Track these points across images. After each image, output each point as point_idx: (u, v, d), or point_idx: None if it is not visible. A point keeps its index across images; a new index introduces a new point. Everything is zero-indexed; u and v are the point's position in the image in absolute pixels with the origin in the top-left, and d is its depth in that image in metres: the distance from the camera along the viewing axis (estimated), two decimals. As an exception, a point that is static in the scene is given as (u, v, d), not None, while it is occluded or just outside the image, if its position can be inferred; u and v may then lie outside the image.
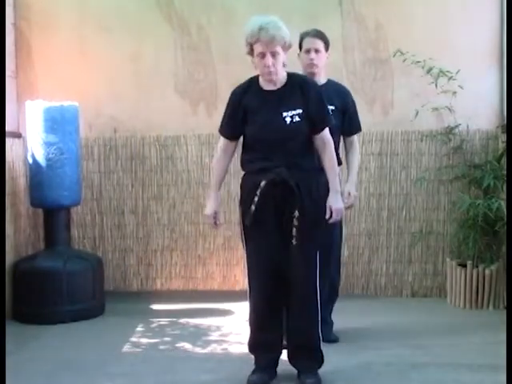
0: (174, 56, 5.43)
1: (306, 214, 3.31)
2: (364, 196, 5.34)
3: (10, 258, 4.83)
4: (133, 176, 5.49)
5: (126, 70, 5.43)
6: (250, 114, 3.34)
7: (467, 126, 5.16)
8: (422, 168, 5.28)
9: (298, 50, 4.06)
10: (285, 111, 3.29)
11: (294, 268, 3.36)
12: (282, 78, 3.33)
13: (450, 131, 5.14)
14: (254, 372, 3.46)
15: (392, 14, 5.28)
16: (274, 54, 3.24)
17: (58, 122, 4.76)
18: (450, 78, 4.97)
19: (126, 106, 5.44)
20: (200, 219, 5.46)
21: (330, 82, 4.11)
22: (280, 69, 3.29)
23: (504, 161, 4.91)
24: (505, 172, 4.79)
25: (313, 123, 3.33)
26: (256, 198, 3.31)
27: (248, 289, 3.48)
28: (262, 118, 3.31)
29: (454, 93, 5.01)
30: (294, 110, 3.30)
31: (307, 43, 4.05)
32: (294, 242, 3.32)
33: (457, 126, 5.12)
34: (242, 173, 3.50)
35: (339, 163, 3.75)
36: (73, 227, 5.34)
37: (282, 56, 3.27)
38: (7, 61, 5.05)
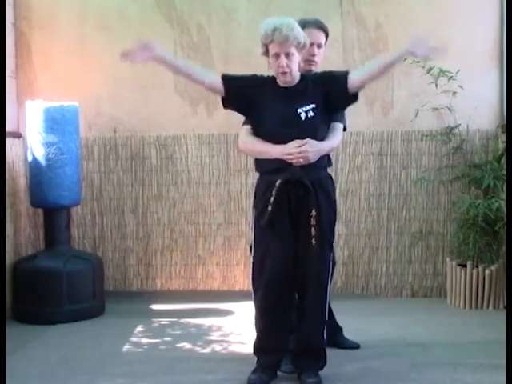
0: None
1: (322, 213, 3.31)
2: (364, 196, 5.35)
3: (10, 257, 4.84)
4: (133, 176, 5.49)
5: (126, 70, 5.40)
6: (265, 111, 3.33)
7: (467, 126, 5.16)
8: (422, 168, 5.28)
9: None
10: (299, 107, 3.31)
11: (309, 268, 3.35)
12: (296, 76, 3.35)
13: (450, 131, 5.14)
14: (254, 371, 3.46)
15: (392, 14, 5.28)
16: (288, 55, 3.25)
17: (58, 122, 4.76)
18: (450, 78, 4.97)
19: (126, 106, 5.44)
20: (200, 219, 5.46)
21: None
22: (295, 69, 3.31)
23: (504, 161, 4.91)
24: (505, 172, 4.80)
25: (335, 88, 3.32)
26: (272, 199, 3.30)
27: (252, 291, 3.46)
28: (277, 115, 3.31)
29: (454, 93, 5.01)
30: (308, 105, 3.31)
31: (310, 35, 3.59)
32: (314, 241, 3.31)
33: (457, 126, 5.12)
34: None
35: (330, 164, 3.61)
36: (73, 227, 5.34)
37: (296, 56, 3.28)
38: (7, 61, 5.05)
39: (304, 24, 3.67)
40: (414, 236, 5.30)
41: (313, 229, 3.30)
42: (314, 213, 3.29)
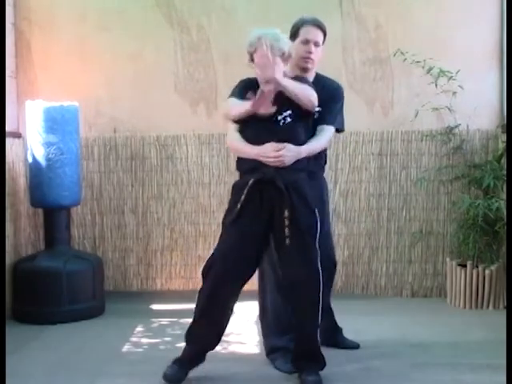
0: (173, 56, 5.43)
1: (297, 215, 3.29)
2: (364, 196, 5.35)
3: (10, 257, 4.84)
4: (133, 176, 5.49)
5: (126, 70, 5.43)
6: (249, 118, 3.35)
7: (467, 126, 5.16)
8: (422, 168, 5.28)
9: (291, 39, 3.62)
10: (279, 114, 3.32)
11: (289, 270, 3.34)
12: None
13: (450, 131, 5.15)
14: (174, 363, 3.46)
15: (392, 14, 5.28)
16: None
17: (58, 122, 4.75)
18: (450, 78, 4.98)
19: (126, 106, 5.44)
20: (200, 219, 5.47)
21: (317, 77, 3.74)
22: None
23: (504, 161, 4.92)
24: (505, 172, 4.80)
25: None
26: (243, 197, 3.31)
27: (202, 277, 3.42)
28: (258, 123, 3.32)
29: (454, 93, 5.02)
30: (286, 111, 3.32)
31: (307, 33, 3.65)
32: (287, 241, 3.29)
33: (457, 126, 5.13)
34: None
35: (312, 165, 3.54)
36: (73, 227, 5.34)
37: (280, 66, 3.28)
38: (7, 61, 5.05)
39: (302, 22, 3.70)
40: (414, 236, 5.30)
41: (286, 229, 3.29)
42: (286, 213, 3.28)
